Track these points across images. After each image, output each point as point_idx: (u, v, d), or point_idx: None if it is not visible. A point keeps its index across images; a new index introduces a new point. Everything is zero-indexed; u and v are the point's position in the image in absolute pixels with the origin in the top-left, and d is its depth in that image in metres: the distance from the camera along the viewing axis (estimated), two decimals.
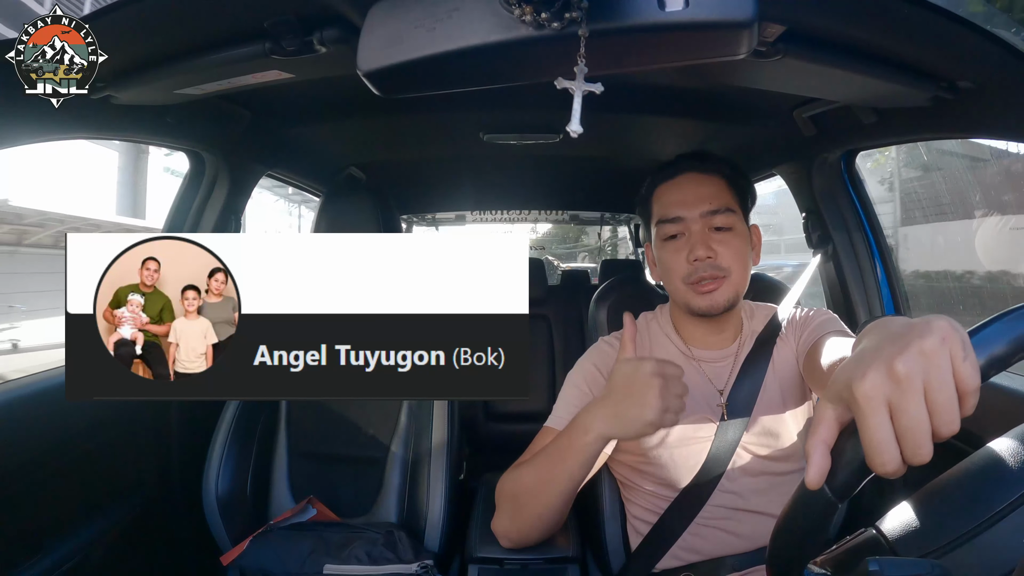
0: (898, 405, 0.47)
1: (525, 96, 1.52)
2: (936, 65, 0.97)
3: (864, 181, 1.74)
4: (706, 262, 1.12)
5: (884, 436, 0.47)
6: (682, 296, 1.17)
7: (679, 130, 1.78)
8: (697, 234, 1.14)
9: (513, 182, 2.94)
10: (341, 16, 0.88)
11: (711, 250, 1.12)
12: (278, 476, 1.62)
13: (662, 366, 0.93)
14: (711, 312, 1.14)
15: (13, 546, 1.20)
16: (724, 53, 0.78)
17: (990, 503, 0.55)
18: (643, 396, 0.91)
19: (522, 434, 1.31)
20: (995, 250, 3.62)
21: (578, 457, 1.00)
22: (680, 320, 1.26)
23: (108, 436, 1.48)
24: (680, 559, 1.15)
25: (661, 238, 1.18)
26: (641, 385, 0.92)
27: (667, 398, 0.91)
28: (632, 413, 0.92)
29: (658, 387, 0.90)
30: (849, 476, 0.51)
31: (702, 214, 1.14)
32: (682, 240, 1.16)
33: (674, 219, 1.16)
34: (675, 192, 1.19)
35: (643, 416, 0.91)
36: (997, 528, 0.54)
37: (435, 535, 1.47)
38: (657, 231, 1.20)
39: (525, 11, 0.68)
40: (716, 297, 1.13)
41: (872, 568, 0.52)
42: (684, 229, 1.15)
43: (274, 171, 2.02)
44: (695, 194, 1.16)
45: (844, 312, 1.75)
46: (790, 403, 1.17)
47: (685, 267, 1.14)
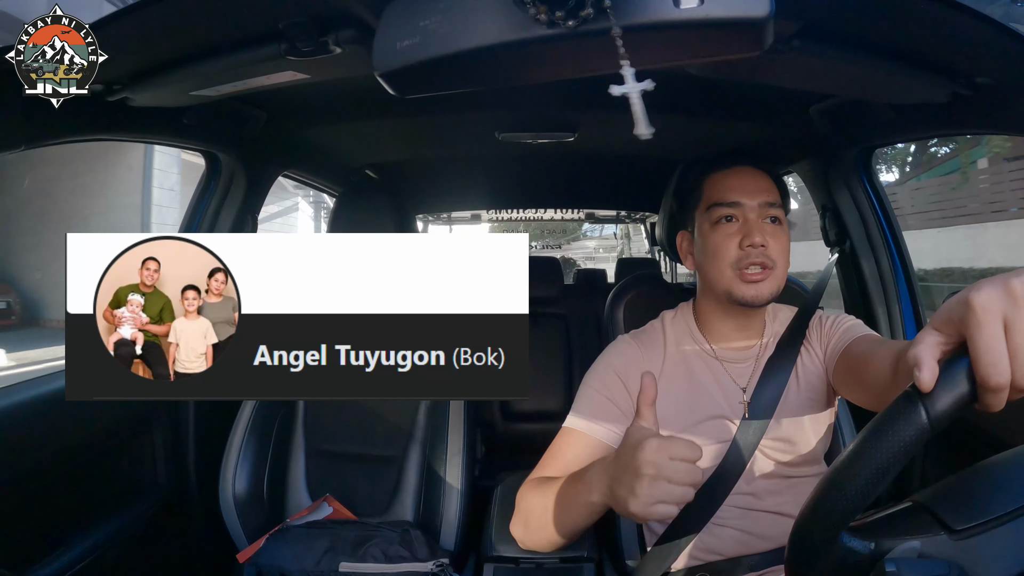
0: (1014, 322, 0.47)
1: (541, 94, 1.52)
2: (954, 61, 0.96)
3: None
4: (760, 250, 1.11)
5: (998, 347, 0.47)
6: (726, 283, 1.14)
7: (695, 128, 1.77)
8: (753, 222, 1.13)
9: (528, 181, 2.93)
10: (356, 17, 0.88)
11: (765, 239, 1.11)
12: (295, 475, 1.63)
13: (665, 449, 0.79)
14: (754, 302, 1.13)
15: (32, 544, 1.21)
16: (740, 50, 0.78)
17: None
18: (631, 483, 0.80)
19: (539, 434, 1.32)
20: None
21: (580, 511, 0.96)
22: (707, 315, 1.24)
23: (126, 436, 1.50)
24: (696, 559, 1.15)
25: (712, 221, 1.16)
26: (633, 470, 0.80)
27: (659, 489, 0.78)
28: (621, 494, 0.82)
29: (648, 477, 0.78)
30: (951, 398, 0.49)
31: (760, 204, 1.14)
32: (735, 225, 1.14)
33: (732, 203, 1.14)
34: (733, 179, 1.17)
35: (628, 504, 0.80)
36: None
37: (451, 534, 1.48)
38: (708, 215, 1.17)
39: (540, 10, 0.68)
40: (762, 288, 1.12)
41: (889, 568, 0.51)
42: (740, 215, 1.14)
43: (290, 171, 2.04)
44: (754, 184, 1.16)
45: (861, 310, 1.74)
46: (811, 410, 1.16)
47: (736, 252, 1.12)
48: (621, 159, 2.34)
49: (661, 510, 0.79)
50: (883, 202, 1.72)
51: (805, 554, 0.57)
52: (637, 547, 1.29)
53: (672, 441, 0.80)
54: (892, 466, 0.51)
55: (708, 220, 1.17)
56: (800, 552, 0.57)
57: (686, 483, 0.78)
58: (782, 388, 1.15)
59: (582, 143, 1.90)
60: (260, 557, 1.36)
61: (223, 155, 1.64)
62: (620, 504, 0.83)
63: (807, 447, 1.15)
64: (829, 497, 0.54)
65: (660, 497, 0.78)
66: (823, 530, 0.55)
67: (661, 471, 0.78)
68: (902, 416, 0.50)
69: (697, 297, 1.28)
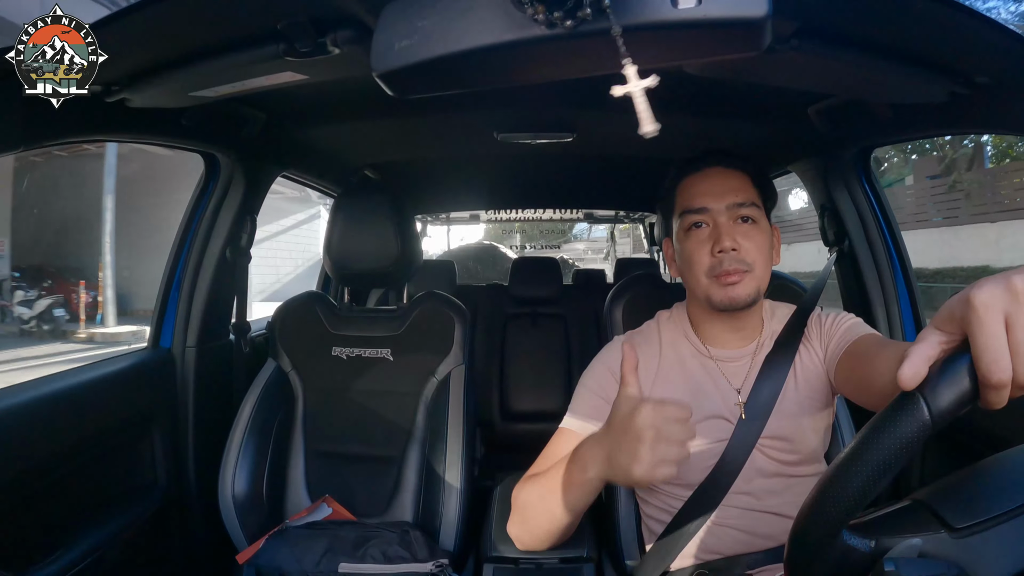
0: (1015, 319, 0.47)
1: (539, 95, 1.52)
2: (952, 60, 0.96)
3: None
4: (731, 255, 1.11)
5: (998, 344, 0.47)
6: (703, 290, 1.15)
7: (693, 128, 1.77)
8: (723, 226, 1.12)
9: (527, 181, 2.93)
10: (354, 17, 0.88)
11: (736, 242, 1.11)
12: (294, 475, 1.63)
13: (660, 411, 0.82)
14: (732, 306, 1.13)
15: (31, 544, 1.21)
16: (738, 50, 0.78)
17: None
18: (633, 448, 0.82)
19: (537, 433, 1.32)
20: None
21: (577, 492, 0.96)
22: (698, 318, 1.24)
23: (125, 436, 1.50)
24: (695, 558, 1.15)
25: (684, 229, 1.17)
26: (633, 435, 0.82)
27: (660, 450, 0.81)
28: (622, 462, 0.84)
29: (650, 440, 0.81)
30: (953, 394, 0.49)
31: (728, 206, 1.13)
32: (706, 231, 1.14)
33: (700, 209, 1.15)
34: (702, 183, 1.17)
35: (631, 470, 0.82)
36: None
37: (450, 534, 1.48)
38: (680, 222, 1.18)
39: (538, 10, 0.68)
40: (738, 290, 1.11)
41: (888, 568, 0.51)
42: (709, 220, 1.14)
43: (289, 172, 2.04)
44: (722, 186, 1.15)
45: (860, 308, 1.74)
46: (810, 409, 1.16)
47: (708, 259, 1.13)
48: (619, 159, 2.34)
49: (665, 471, 0.81)
50: (882, 202, 1.72)
51: (805, 551, 0.57)
52: (636, 547, 1.29)
53: (664, 403, 0.83)
54: (893, 463, 0.51)
55: (682, 227, 1.17)
56: (800, 549, 0.57)
57: (684, 440, 0.82)
58: (779, 387, 1.15)
59: (580, 143, 1.90)
60: (260, 558, 1.36)
61: (222, 156, 1.65)
62: (622, 471, 0.85)
63: (806, 446, 1.15)
64: (830, 494, 0.54)
65: (663, 456, 0.81)
66: (824, 527, 0.55)
67: (661, 432, 0.81)
68: (904, 412, 0.51)
69: (687, 299, 1.28)
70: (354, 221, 1.64)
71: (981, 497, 0.58)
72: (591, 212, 4.24)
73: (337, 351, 1.70)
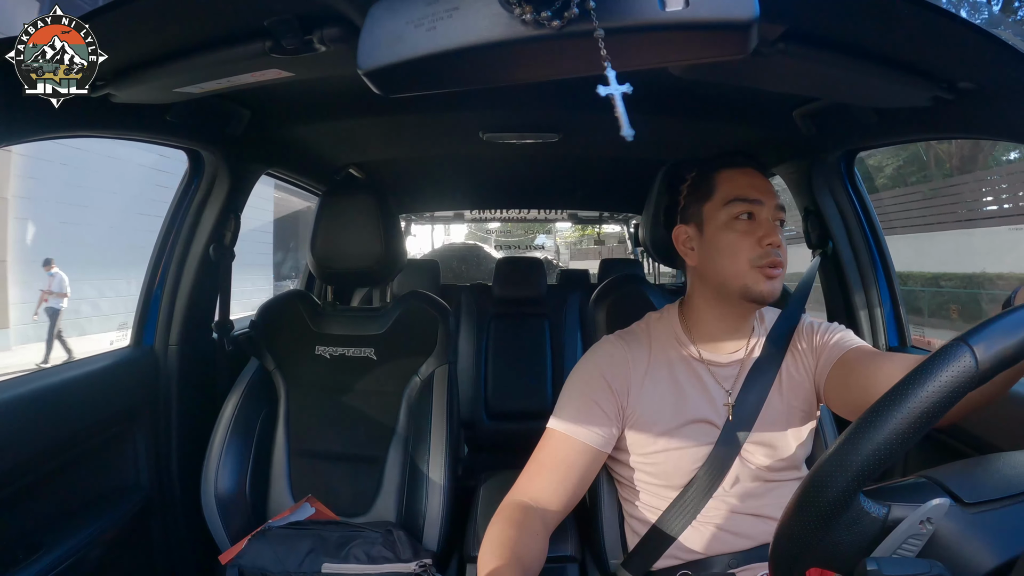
0: None
1: (525, 95, 1.52)
2: (936, 65, 0.97)
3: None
4: (777, 249, 1.11)
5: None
6: (743, 278, 1.13)
7: (678, 130, 1.78)
8: (769, 222, 1.13)
9: (512, 181, 2.94)
10: (341, 15, 0.88)
11: (779, 241, 1.12)
12: (277, 475, 1.62)
13: None
14: (769, 298, 1.12)
15: (12, 544, 1.20)
16: (725, 53, 0.78)
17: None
18: None
19: (522, 433, 1.31)
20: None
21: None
22: (695, 318, 1.23)
23: (107, 435, 1.48)
24: (678, 558, 1.15)
25: (731, 216, 1.14)
26: None
27: None
28: None
29: None
30: (1001, 349, 0.50)
31: (775, 206, 1.14)
32: (754, 223, 1.13)
33: (755, 200, 1.13)
34: (750, 178, 1.17)
35: None
36: None
37: (434, 534, 1.47)
38: (727, 209, 1.15)
39: (525, 10, 0.68)
40: (776, 285, 1.12)
41: (871, 567, 0.51)
42: (759, 213, 1.14)
43: (274, 170, 2.03)
44: (767, 187, 1.16)
45: (843, 312, 1.76)
46: (795, 415, 1.17)
47: (757, 249, 1.11)
48: (604, 161, 2.35)
49: None
50: (865, 205, 1.73)
51: (821, 505, 0.55)
52: (620, 547, 1.29)
53: None
54: (934, 413, 0.50)
55: (725, 215, 1.15)
56: (815, 500, 0.55)
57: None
58: (766, 393, 1.16)
59: (566, 144, 1.91)
60: (242, 558, 1.35)
61: (206, 153, 1.64)
62: None
63: (788, 452, 1.16)
64: (865, 437, 0.53)
65: None
66: (847, 481, 0.53)
67: None
68: (951, 360, 0.51)
69: (687, 297, 1.26)
70: (338, 219, 1.63)
71: (990, 481, 0.58)
72: (575, 213, 4.25)
73: (320, 350, 1.69)
